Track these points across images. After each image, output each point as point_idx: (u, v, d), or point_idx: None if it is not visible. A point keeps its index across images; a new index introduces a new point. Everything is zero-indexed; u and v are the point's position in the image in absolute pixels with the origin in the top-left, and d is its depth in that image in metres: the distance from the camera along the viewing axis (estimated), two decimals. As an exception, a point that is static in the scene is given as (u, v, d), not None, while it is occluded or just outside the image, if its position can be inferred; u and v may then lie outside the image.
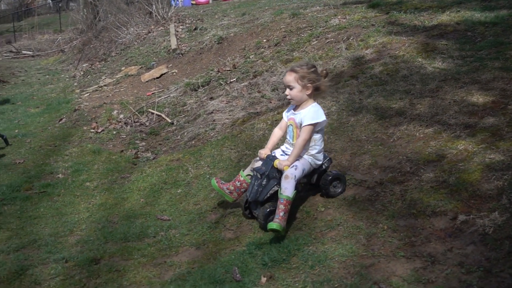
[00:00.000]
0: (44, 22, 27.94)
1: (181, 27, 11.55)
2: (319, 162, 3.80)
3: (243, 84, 6.84)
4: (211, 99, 6.80)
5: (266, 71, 6.83)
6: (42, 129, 7.25)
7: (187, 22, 11.90)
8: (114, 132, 6.68)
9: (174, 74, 8.55)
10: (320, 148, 3.77)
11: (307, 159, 3.73)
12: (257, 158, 3.91)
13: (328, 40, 6.97)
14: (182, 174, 4.99)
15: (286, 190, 3.53)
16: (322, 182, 3.84)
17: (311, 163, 3.75)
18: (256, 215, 3.77)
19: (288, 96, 3.74)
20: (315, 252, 3.30)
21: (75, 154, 5.99)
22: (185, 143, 5.81)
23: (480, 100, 4.47)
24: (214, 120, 6.07)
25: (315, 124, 3.64)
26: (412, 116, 4.56)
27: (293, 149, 3.70)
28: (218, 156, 5.14)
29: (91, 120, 7.20)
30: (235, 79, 7.12)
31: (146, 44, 11.32)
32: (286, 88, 3.74)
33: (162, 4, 12.89)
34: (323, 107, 5.21)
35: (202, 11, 12.83)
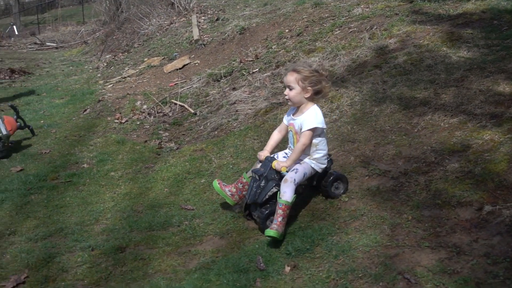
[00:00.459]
0: (67, 14, 28.30)
1: (203, 17, 11.55)
2: (324, 166, 3.75)
3: (265, 74, 6.83)
4: (234, 89, 6.81)
5: (289, 61, 6.80)
6: (67, 119, 7.35)
7: (209, 12, 11.90)
8: (138, 123, 6.74)
9: (197, 64, 8.57)
10: (325, 152, 3.73)
11: (309, 163, 3.68)
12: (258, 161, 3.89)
13: (351, 30, 6.91)
14: (206, 164, 5.02)
15: (285, 194, 3.49)
16: (323, 184, 3.80)
17: (314, 167, 3.70)
18: (255, 217, 3.76)
19: (286, 97, 3.68)
20: (339, 242, 3.31)
21: (100, 144, 6.07)
22: (208, 133, 5.84)
23: (506, 90, 4.40)
24: (236, 111, 6.08)
25: (314, 129, 3.59)
26: (437, 106, 4.51)
27: (291, 153, 3.68)
28: (241, 146, 5.16)
29: (115, 111, 7.27)
30: (257, 70, 7.12)
31: (168, 35, 11.35)
32: (286, 88, 3.69)
33: (184, -5, 12.91)
34: (347, 97, 5.21)
35: (223, 1, 12.79)
